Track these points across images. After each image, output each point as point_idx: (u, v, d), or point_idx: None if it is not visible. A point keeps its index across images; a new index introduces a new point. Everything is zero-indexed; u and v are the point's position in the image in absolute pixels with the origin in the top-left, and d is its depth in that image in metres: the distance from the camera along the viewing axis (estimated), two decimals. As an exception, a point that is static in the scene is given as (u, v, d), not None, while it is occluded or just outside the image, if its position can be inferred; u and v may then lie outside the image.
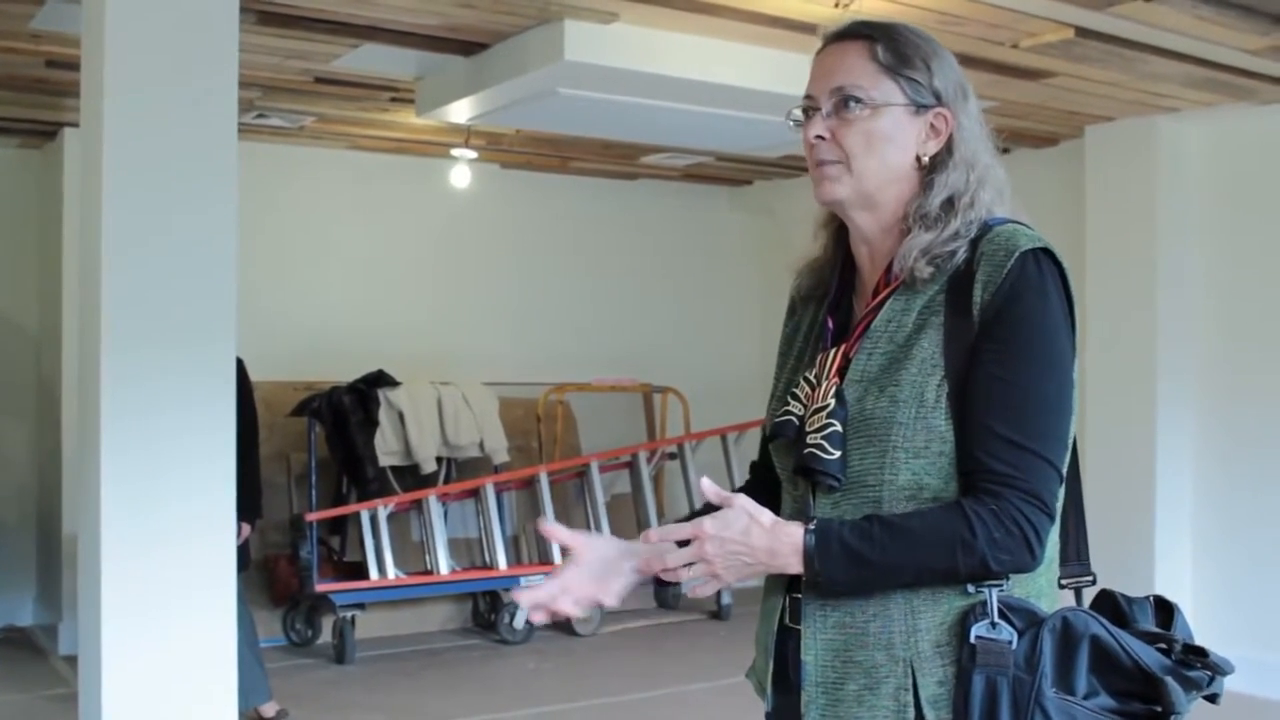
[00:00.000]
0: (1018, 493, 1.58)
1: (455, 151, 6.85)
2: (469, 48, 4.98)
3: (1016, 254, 1.65)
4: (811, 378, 1.75)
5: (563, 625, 7.22)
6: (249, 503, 5.00)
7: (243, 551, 5.11)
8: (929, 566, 1.59)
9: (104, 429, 3.66)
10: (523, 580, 6.88)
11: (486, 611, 7.18)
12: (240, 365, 4.48)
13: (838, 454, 1.65)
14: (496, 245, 7.98)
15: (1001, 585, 1.59)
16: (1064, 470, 1.64)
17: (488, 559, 6.90)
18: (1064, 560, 1.76)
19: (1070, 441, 1.67)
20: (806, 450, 1.68)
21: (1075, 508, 1.77)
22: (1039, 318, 1.64)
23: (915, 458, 1.63)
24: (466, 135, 6.50)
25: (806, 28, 4.54)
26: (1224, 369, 6.24)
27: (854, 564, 1.58)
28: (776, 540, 1.60)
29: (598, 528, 7.21)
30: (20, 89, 5.74)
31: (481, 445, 6.96)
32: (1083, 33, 4.58)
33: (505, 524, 7.03)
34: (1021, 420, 1.60)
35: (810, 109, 1.78)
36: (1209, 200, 6.29)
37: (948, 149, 1.75)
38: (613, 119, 5.62)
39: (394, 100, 5.97)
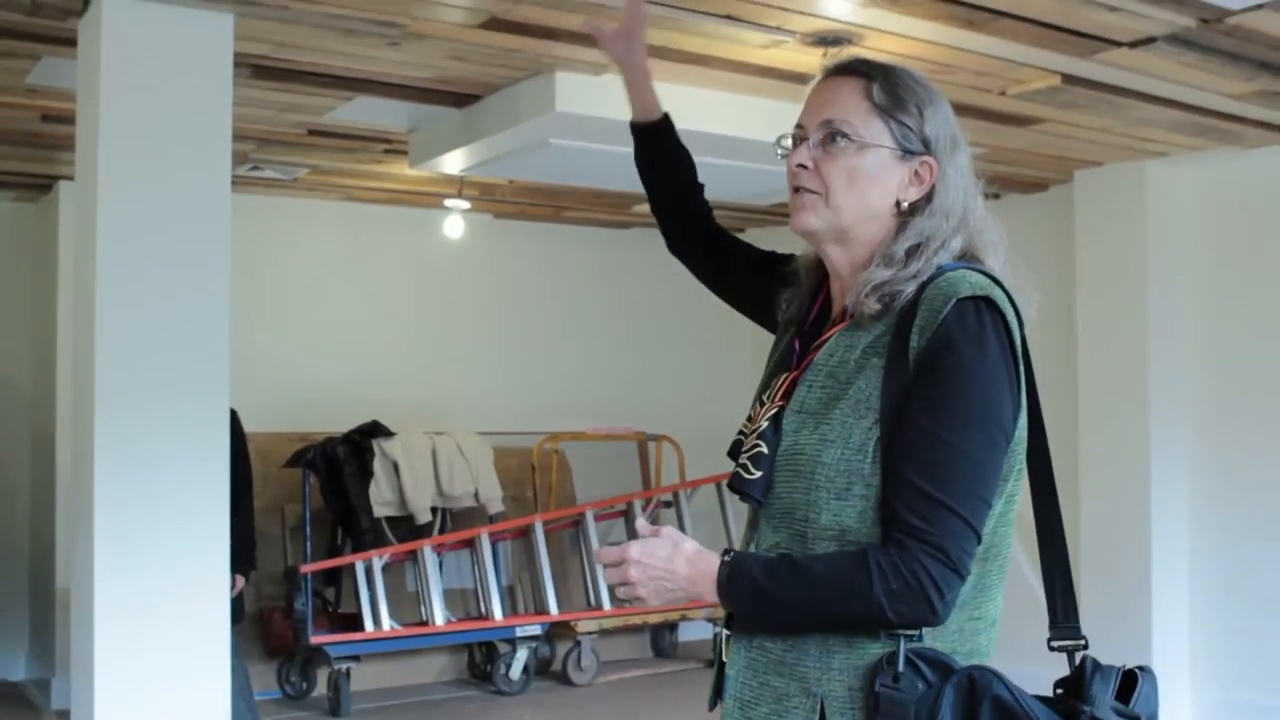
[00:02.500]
0: (923, 546, 1.56)
1: (449, 202, 6.88)
2: (461, 100, 5.02)
3: (953, 301, 1.62)
4: (764, 398, 1.79)
5: (559, 675, 7.19)
6: (243, 555, 4.98)
7: (237, 604, 5.08)
8: (829, 610, 1.61)
9: (97, 480, 3.65)
10: (518, 630, 6.86)
11: (483, 662, 7.14)
12: (234, 417, 4.47)
13: (759, 475, 1.71)
14: (491, 295, 8.01)
15: (912, 636, 1.59)
16: (981, 528, 1.61)
17: (483, 609, 6.87)
18: (1052, 622, 1.75)
19: (992, 499, 1.63)
20: (735, 469, 1.76)
21: (1060, 568, 1.76)
22: (969, 369, 1.61)
23: (837, 499, 1.64)
24: (460, 186, 6.53)
25: (796, 78, 4.59)
26: (1217, 409, 6.25)
27: (760, 600, 1.63)
28: (696, 570, 1.66)
29: (593, 578, 7.19)
30: (16, 143, 5.78)
31: (476, 495, 6.95)
32: (1069, 80, 4.63)
33: (500, 574, 7.01)
34: (938, 474, 1.58)
35: (799, 138, 1.80)
36: (1199, 243, 6.33)
37: (928, 197, 1.75)
38: (605, 169, 5.64)
39: (387, 152, 6.01)
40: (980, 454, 1.60)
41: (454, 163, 5.54)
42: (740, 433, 1.80)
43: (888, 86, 1.76)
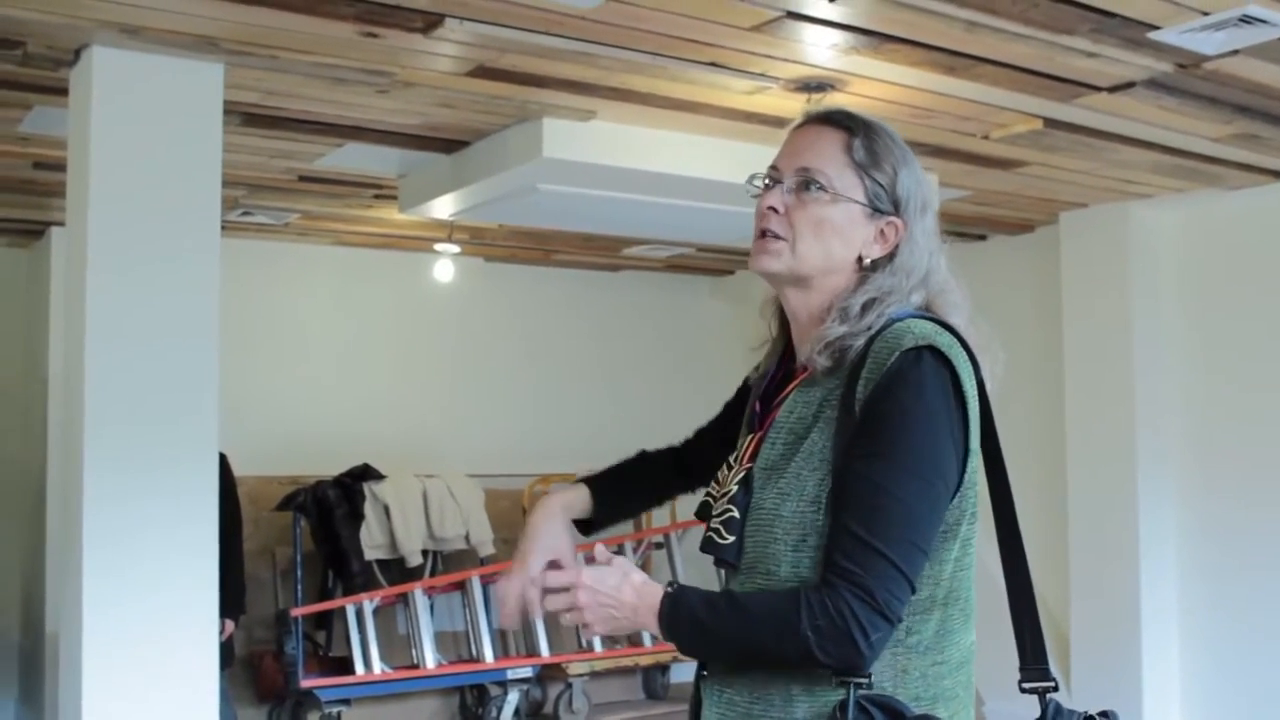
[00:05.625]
0: (851, 586, 1.58)
1: (439, 246, 6.91)
2: (450, 145, 5.07)
3: (899, 352, 1.65)
4: (732, 461, 1.82)
5: (550, 717, 7.16)
6: (232, 599, 4.99)
7: (227, 648, 5.09)
8: (759, 644, 1.64)
9: (86, 526, 3.67)
10: (509, 673, 6.84)
11: (474, 705, 7.12)
12: (224, 460, 4.50)
13: (732, 539, 1.73)
14: (481, 338, 8.03)
15: (863, 683, 1.62)
16: (913, 573, 1.62)
17: (474, 652, 6.85)
18: (1022, 664, 1.77)
19: (927, 545, 1.64)
20: (707, 534, 1.77)
21: (1027, 610, 1.77)
22: (908, 417, 1.63)
23: (794, 551, 1.67)
24: (449, 230, 6.57)
25: (780, 123, 4.63)
26: (1203, 446, 6.28)
27: (696, 631, 1.68)
28: (641, 599, 1.70)
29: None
30: (8, 190, 5.81)
31: (467, 537, 6.95)
32: (1051, 123, 4.68)
33: (492, 616, 6.99)
34: (871, 519, 1.60)
35: (773, 179, 1.83)
36: (1183, 283, 6.38)
37: (890, 255, 1.78)
38: (593, 213, 5.70)
39: (377, 197, 6.05)
40: (915, 500, 1.62)
41: (443, 208, 5.58)
42: (708, 494, 1.84)
43: (868, 143, 1.78)
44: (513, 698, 6.88)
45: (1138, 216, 6.29)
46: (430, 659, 6.63)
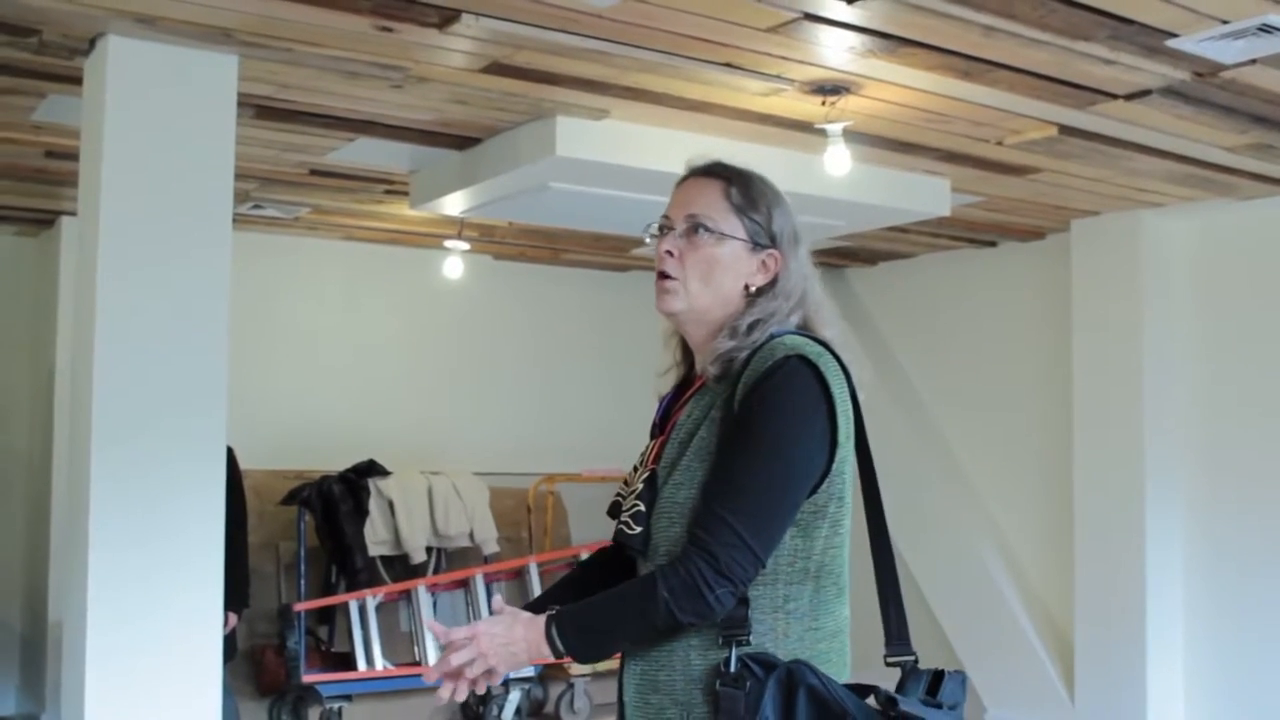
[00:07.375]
0: (699, 551, 1.86)
1: (448, 243, 6.91)
2: (462, 142, 5.06)
3: (772, 360, 1.92)
4: (638, 464, 2.09)
5: (552, 717, 7.16)
6: (236, 592, 4.98)
7: (229, 641, 5.08)
8: (632, 623, 1.92)
9: (92, 515, 3.66)
10: (511, 672, 6.81)
11: (475, 704, 7.10)
12: (230, 454, 4.48)
13: (639, 530, 1.98)
14: (488, 336, 8.03)
15: (741, 641, 1.88)
16: (759, 545, 1.87)
17: (476, 650, 6.83)
18: (888, 641, 2.00)
19: (783, 528, 1.89)
20: (618, 526, 2.03)
21: (893, 595, 2.01)
22: (773, 412, 1.90)
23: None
24: (460, 227, 6.57)
25: (795, 125, 4.63)
26: (1212, 456, 6.26)
27: (583, 634, 1.94)
28: (531, 631, 1.94)
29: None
30: (20, 178, 5.81)
31: (471, 535, 6.94)
32: (1066, 130, 4.67)
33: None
34: (725, 495, 1.88)
35: (666, 228, 2.13)
36: (1194, 292, 6.36)
37: (772, 283, 2.07)
38: (604, 212, 5.69)
39: (388, 192, 6.04)
40: (768, 483, 1.88)
41: (454, 204, 5.58)
42: (618, 494, 2.09)
43: (743, 189, 2.08)
44: (514, 697, 6.87)
45: (1149, 225, 6.28)
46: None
